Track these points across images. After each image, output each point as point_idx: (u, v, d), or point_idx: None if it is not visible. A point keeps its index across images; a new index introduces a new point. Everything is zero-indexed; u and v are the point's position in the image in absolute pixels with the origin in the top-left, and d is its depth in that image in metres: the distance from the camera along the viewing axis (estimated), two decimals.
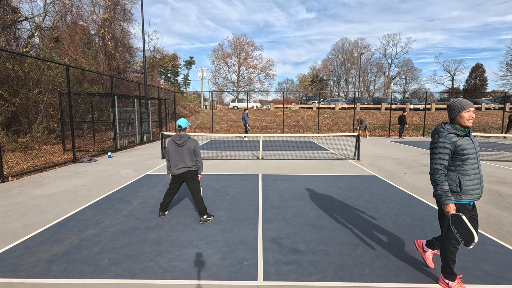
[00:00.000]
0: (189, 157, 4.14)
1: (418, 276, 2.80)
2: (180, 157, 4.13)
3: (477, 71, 49.83)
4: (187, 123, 4.24)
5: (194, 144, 4.15)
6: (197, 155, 4.19)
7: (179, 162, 4.14)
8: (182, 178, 4.21)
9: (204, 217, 4.20)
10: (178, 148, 4.12)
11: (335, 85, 63.82)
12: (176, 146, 4.13)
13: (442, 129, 2.48)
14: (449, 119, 2.56)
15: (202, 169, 4.32)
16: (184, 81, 56.80)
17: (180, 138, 4.10)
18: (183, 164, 4.13)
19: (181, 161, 4.13)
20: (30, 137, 11.23)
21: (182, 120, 4.21)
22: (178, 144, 4.10)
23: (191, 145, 4.12)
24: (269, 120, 24.57)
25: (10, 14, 13.59)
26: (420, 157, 10.15)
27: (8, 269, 2.91)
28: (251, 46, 52.16)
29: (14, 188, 5.99)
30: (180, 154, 4.12)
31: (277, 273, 2.85)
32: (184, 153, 4.12)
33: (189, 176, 4.18)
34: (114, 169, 7.89)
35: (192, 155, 4.16)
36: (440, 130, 2.49)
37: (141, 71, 23.08)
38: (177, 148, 4.13)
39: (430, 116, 23.95)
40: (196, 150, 4.18)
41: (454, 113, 2.47)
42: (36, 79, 11.84)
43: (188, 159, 4.14)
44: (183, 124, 4.18)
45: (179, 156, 4.13)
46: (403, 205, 4.95)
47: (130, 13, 21.20)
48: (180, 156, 4.13)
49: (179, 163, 4.14)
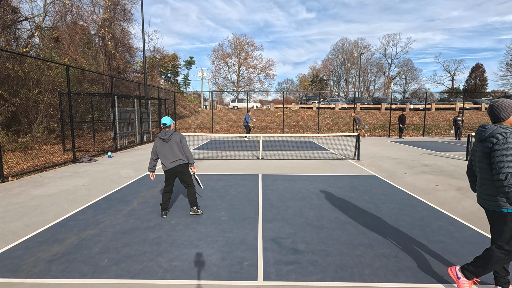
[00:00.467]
0: (178, 149, 4.28)
1: (418, 276, 2.80)
2: (169, 151, 4.25)
3: (477, 71, 49.82)
4: (171, 121, 4.36)
5: (180, 137, 4.30)
6: (184, 146, 4.32)
7: (170, 156, 4.25)
8: (175, 172, 4.31)
9: (194, 208, 4.40)
10: (165, 143, 4.26)
11: (335, 85, 63.89)
12: (163, 142, 4.26)
13: (503, 129, 2.24)
14: (496, 119, 2.35)
15: (193, 160, 4.43)
16: (184, 81, 56.84)
17: (165, 134, 4.25)
18: (174, 158, 4.25)
19: (171, 155, 4.25)
20: (30, 137, 11.23)
21: (166, 118, 4.34)
22: (164, 139, 4.24)
23: (177, 138, 4.28)
24: (269, 120, 24.58)
25: (10, 14, 13.59)
26: (420, 157, 10.15)
27: (8, 269, 2.91)
28: (251, 46, 52.19)
29: (14, 188, 5.99)
30: (168, 148, 4.25)
31: (277, 273, 2.85)
32: (173, 147, 4.25)
33: (180, 169, 4.29)
34: (114, 169, 7.89)
35: (180, 148, 4.29)
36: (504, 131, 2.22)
37: (141, 71, 23.08)
38: (164, 143, 4.26)
39: (430, 116, 23.96)
40: (183, 142, 4.31)
41: (507, 113, 2.29)
42: (36, 79, 11.84)
43: (178, 152, 4.27)
44: (167, 121, 4.29)
45: (168, 150, 4.25)
46: (403, 205, 4.95)
47: (130, 13, 21.23)
48: (169, 151, 4.25)
49: (170, 157, 4.25)
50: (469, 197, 5.41)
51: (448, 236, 3.73)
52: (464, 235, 3.75)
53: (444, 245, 3.47)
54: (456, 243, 3.53)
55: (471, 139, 9.49)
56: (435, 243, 3.52)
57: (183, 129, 21.97)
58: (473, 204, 5.01)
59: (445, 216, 4.45)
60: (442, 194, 5.62)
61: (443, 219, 4.32)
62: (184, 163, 4.32)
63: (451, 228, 3.99)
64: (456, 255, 3.23)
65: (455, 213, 4.54)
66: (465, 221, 4.24)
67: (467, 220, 4.28)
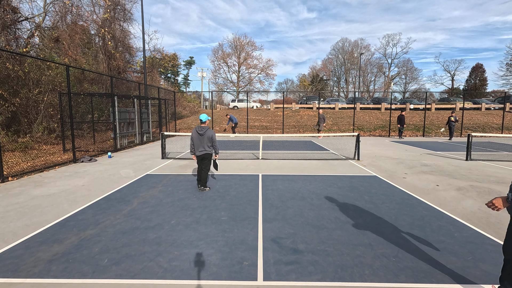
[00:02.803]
0: (207, 143, 5.61)
1: (418, 276, 2.80)
2: (201, 143, 5.61)
3: (477, 71, 49.81)
4: (207, 118, 5.67)
5: (211, 134, 5.62)
6: (214, 141, 5.66)
7: (199, 146, 5.63)
8: (202, 158, 5.66)
9: (202, 187, 5.71)
10: (200, 136, 5.59)
11: (335, 85, 63.86)
12: (198, 135, 5.60)
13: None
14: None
15: (219, 151, 5.87)
16: (184, 81, 56.78)
17: (201, 129, 5.60)
18: (202, 148, 5.61)
19: (201, 146, 5.62)
20: (30, 137, 11.23)
21: (203, 115, 5.67)
22: (200, 133, 5.58)
23: (210, 134, 5.60)
24: (269, 120, 24.57)
25: (10, 14, 13.59)
26: (420, 157, 10.15)
27: (8, 269, 2.91)
28: (251, 46, 52.14)
29: (14, 188, 5.99)
30: (201, 141, 5.60)
31: (277, 273, 2.85)
32: (204, 140, 5.58)
33: (206, 156, 5.67)
34: (114, 169, 7.89)
35: (210, 142, 5.62)
36: None
37: (141, 71, 23.08)
38: (199, 136, 5.60)
39: (430, 116, 23.94)
40: (213, 138, 5.63)
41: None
42: (36, 79, 11.84)
43: (206, 145, 5.61)
44: (203, 118, 5.65)
45: (200, 142, 5.61)
46: (403, 205, 4.95)
47: (130, 13, 21.21)
48: (201, 142, 5.61)
49: (200, 147, 5.63)
50: (469, 197, 5.41)
51: (448, 236, 3.73)
52: (464, 235, 3.75)
53: (444, 245, 3.47)
54: (456, 243, 3.53)
55: (471, 139, 9.49)
56: (435, 243, 3.52)
57: (183, 129, 21.96)
58: (473, 204, 5.01)
59: (445, 216, 4.45)
60: (442, 194, 5.62)
61: (443, 219, 4.32)
62: (208, 153, 5.63)
63: (451, 228, 3.99)
64: (456, 255, 3.23)
65: (455, 213, 4.54)
66: (465, 221, 4.24)
67: (467, 220, 4.28)
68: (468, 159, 9.39)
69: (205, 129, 5.57)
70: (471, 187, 6.03)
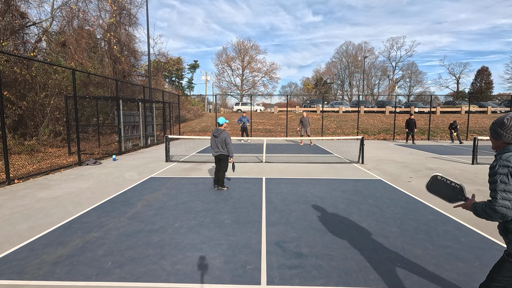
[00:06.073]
0: (222, 145, 5.90)
1: (423, 282, 2.76)
2: (216, 145, 5.93)
3: (483, 74, 49.39)
4: (224, 121, 5.93)
5: (225, 136, 5.85)
6: (227, 144, 5.85)
7: (215, 148, 5.96)
8: (218, 159, 5.94)
9: (219, 187, 6.02)
10: (216, 138, 5.91)
11: (339, 88, 63.75)
12: (214, 137, 5.94)
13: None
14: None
15: (233, 154, 6.00)
16: (188, 85, 57.13)
17: (217, 131, 5.91)
18: (217, 149, 5.94)
19: (217, 147, 5.94)
20: (36, 140, 11.37)
21: (221, 118, 5.96)
22: (215, 135, 5.91)
23: (223, 136, 5.86)
24: (273, 123, 24.58)
25: (18, 19, 13.85)
26: (425, 160, 10.05)
27: (13, 271, 2.93)
28: (254, 49, 52.35)
29: (20, 190, 6.05)
30: (216, 142, 5.91)
31: (281, 277, 2.83)
32: (219, 142, 5.88)
33: (222, 157, 5.96)
34: (119, 172, 7.94)
35: (223, 143, 5.86)
36: None
37: (146, 74, 23.29)
38: (215, 138, 5.92)
39: (435, 120, 23.76)
40: (227, 140, 5.84)
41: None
42: (43, 83, 12.02)
43: (220, 146, 5.91)
44: (220, 121, 5.93)
45: (215, 144, 5.94)
46: (408, 209, 4.90)
47: (135, 17, 21.47)
48: (215, 144, 5.94)
49: (215, 148, 5.96)
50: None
51: (454, 241, 3.68)
52: (470, 240, 3.70)
53: (450, 250, 3.42)
54: (462, 248, 3.48)
55: (477, 143, 9.39)
56: (441, 248, 3.47)
57: (187, 132, 22.06)
58: None
59: (451, 220, 4.39)
60: None
61: (449, 223, 4.27)
62: (223, 154, 5.92)
63: (457, 232, 3.93)
64: (463, 260, 3.18)
65: (462, 218, 4.48)
66: (471, 225, 4.18)
67: (474, 224, 4.21)
68: (474, 163, 9.28)
69: (220, 131, 5.86)
70: (478, 191, 5.95)
